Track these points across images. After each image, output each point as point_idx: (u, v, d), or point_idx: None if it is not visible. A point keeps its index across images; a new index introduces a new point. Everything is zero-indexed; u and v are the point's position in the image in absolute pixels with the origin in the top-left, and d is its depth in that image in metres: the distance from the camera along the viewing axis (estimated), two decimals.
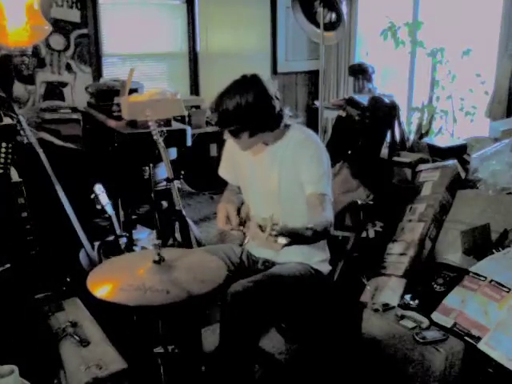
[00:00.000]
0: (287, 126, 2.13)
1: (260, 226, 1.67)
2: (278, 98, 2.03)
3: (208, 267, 1.88)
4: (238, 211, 2.11)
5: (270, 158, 2.13)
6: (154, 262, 1.76)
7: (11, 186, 2.44)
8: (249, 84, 1.99)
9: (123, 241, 3.14)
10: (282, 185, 2.10)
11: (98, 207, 3.00)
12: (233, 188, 2.37)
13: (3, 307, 2.15)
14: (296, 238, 1.73)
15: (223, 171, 2.38)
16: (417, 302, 2.34)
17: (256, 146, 2.12)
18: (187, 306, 1.97)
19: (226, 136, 2.07)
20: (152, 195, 3.39)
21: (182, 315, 2.10)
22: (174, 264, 1.79)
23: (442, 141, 3.97)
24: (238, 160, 2.26)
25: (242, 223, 2.06)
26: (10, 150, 2.45)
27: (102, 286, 1.72)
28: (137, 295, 1.64)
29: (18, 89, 4.55)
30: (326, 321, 2.25)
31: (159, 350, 1.91)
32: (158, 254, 1.76)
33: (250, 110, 1.94)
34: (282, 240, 1.66)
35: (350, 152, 3.30)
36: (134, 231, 3.64)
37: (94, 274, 1.82)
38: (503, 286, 2.14)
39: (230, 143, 2.28)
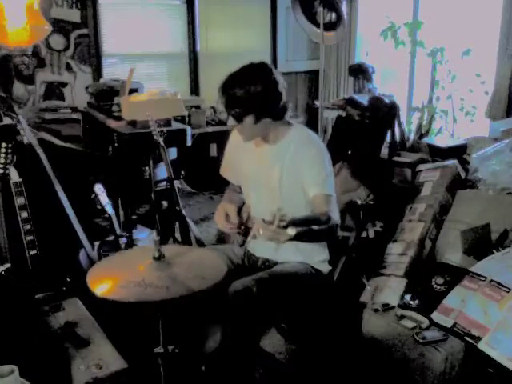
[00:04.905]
0: (289, 125, 2.13)
1: (265, 221, 1.67)
2: (284, 88, 2.04)
3: (208, 264, 1.88)
4: (239, 211, 2.11)
5: (271, 157, 2.13)
6: (154, 258, 1.75)
7: (11, 186, 2.44)
8: (258, 68, 2.01)
9: (123, 241, 3.14)
10: (283, 184, 2.11)
11: (98, 207, 3.00)
12: (234, 188, 2.37)
13: (3, 307, 2.15)
14: (306, 226, 1.73)
15: (224, 170, 2.38)
16: (417, 302, 2.34)
17: (258, 138, 2.12)
18: (187, 303, 1.97)
19: (231, 122, 2.07)
20: (152, 195, 3.39)
21: (182, 312, 2.10)
22: (174, 260, 1.79)
23: (442, 141, 3.98)
24: (239, 159, 2.26)
25: (243, 223, 2.06)
26: (9, 150, 2.45)
27: (102, 283, 1.72)
28: (137, 291, 1.64)
29: (18, 89, 4.55)
30: (326, 321, 2.25)
31: (159, 350, 1.91)
32: (158, 251, 1.75)
33: (257, 92, 1.96)
34: (292, 230, 1.66)
35: (350, 152, 3.30)
36: (133, 231, 3.64)
37: (94, 272, 1.81)
38: (503, 285, 2.14)
39: (232, 142, 2.29)
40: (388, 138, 3.53)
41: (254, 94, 1.95)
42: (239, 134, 2.14)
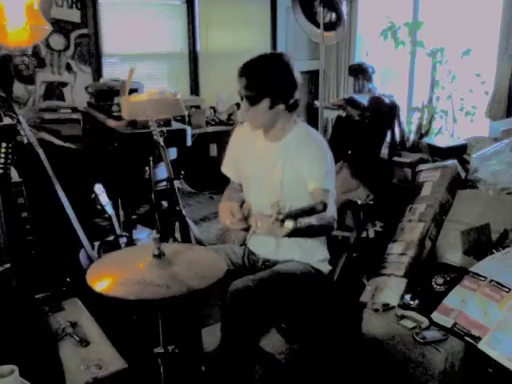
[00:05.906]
0: (295, 123, 2.15)
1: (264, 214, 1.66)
2: (299, 81, 2.10)
3: (208, 262, 1.88)
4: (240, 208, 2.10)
5: (273, 155, 2.13)
6: (154, 256, 1.75)
7: (11, 185, 2.44)
8: (278, 55, 2.10)
9: (123, 241, 3.14)
10: (284, 181, 2.11)
11: (98, 207, 3.00)
12: (234, 186, 2.37)
13: (3, 307, 2.15)
14: (304, 215, 1.73)
15: (226, 168, 2.38)
16: (417, 301, 2.34)
17: (261, 134, 2.14)
18: (187, 301, 1.96)
19: (244, 105, 2.06)
20: (152, 195, 3.39)
21: (182, 312, 2.10)
22: (174, 259, 1.79)
23: (442, 141, 3.99)
24: (241, 156, 2.26)
25: (246, 219, 2.06)
26: (9, 150, 2.45)
27: (102, 281, 1.71)
28: (136, 289, 1.63)
29: (18, 89, 4.55)
30: (326, 321, 2.25)
31: (159, 350, 1.91)
32: (158, 249, 1.75)
33: (277, 75, 2.02)
34: (289, 223, 1.65)
35: (350, 152, 3.30)
36: (133, 231, 3.64)
37: (94, 269, 1.81)
38: (503, 285, 2.14)
39: (235, 140, 2.30)
40: (388, 138, 3.53)
41: (274, 75, 2.01)
42: (249, 121, 2.14)
